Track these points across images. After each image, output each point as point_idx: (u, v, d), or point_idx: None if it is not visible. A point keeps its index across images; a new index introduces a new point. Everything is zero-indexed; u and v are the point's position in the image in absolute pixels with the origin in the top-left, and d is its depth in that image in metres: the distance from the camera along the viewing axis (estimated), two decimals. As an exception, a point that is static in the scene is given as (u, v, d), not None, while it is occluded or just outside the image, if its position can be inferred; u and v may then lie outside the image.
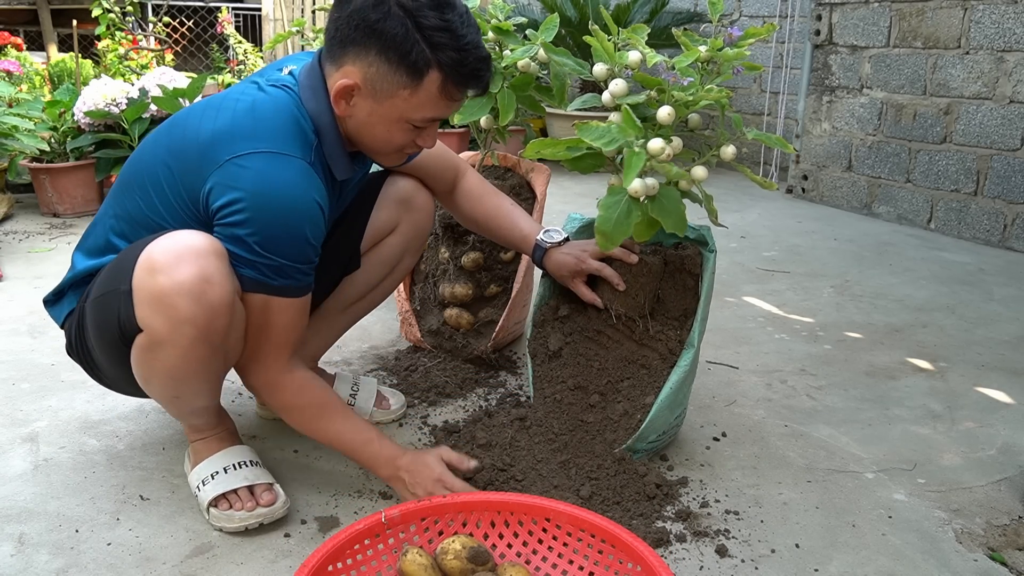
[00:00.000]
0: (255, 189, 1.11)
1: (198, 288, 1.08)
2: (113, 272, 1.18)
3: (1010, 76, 3.01)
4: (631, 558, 1.05)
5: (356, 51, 1.15)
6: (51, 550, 1.20)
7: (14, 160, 3.25)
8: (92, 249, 1.28)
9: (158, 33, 5.38)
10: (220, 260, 1.11)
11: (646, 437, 1.38)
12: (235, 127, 1.15)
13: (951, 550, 1.26)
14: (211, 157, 1.14)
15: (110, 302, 1.15)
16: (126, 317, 1.13)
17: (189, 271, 1.07)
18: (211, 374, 1.21)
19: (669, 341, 1.44)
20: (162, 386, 1.21)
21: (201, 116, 1.19)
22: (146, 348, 1.14)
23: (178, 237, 1.10)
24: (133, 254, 1.13)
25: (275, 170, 1.12)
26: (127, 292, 1.11)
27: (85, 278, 1.27)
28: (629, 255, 1.42)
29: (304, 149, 1.17)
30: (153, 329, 1.11)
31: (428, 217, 1.56)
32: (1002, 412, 1.74)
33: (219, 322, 1.12)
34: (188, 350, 1.12)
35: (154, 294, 1.08)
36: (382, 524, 1.10)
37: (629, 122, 1.25)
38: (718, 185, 4.14)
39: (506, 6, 1.72)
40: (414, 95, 1.16)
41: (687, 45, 1.32)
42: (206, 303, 1.09)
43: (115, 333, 1.16)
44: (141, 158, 1.26)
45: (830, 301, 2.44)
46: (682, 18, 4.64)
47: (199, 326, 1.10)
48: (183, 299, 1.08)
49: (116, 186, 1.29)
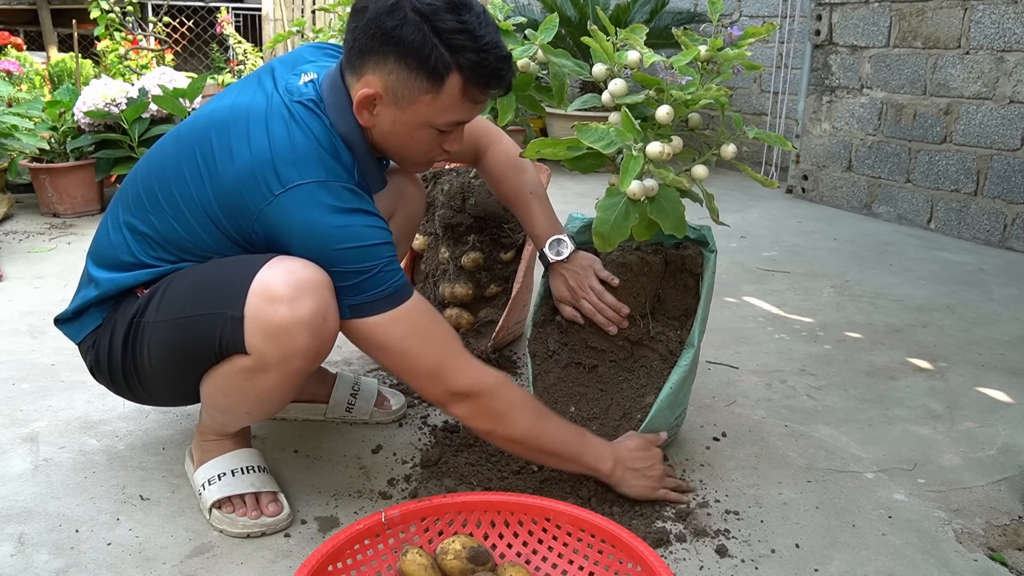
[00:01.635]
0: (302, 220, 1.10)
1: (317, 322, 1.09)
2: (206, 293, 1.13)
3: (1010, 76, 3.01)
4: (631, 558, 1.05)
5: (375, 60, 1.13)
6: (51, 550, 1.20)
7: (14, 160, 3.25)
8: (115, 264, 1.22)
9: (158, 33, 5.38)
10: (332, 294, 1.11)
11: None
12: (274, 159, 1.11)
13: (951, 550, 1.26)
14: (254, 195, 1.11)
15: (208, 323, 1.11)
16: (231, 340, 1.10)
17: (310, 305, 1.08)
18: (290, 398, 1.23)
19: (669, 341, 1.44)
20: (240, 403, 1.20)
21: (230, 141, 1.15)
22: (246, 370, 1.12)
23: (293, 268, 1.09)
24: (235, 278, 1.10)
25: (319, 198, 1.10)
26: (237, 319, 1.09)
27: (116, 295, 1.23)
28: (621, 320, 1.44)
29: (347, 173, 1.15)
30: (263, 356, 1.10)
31: (420, 204, 1.58)
32: (1002, 412, 1.74)
33: (325, 354, 1.16)
34: (291, 378, 1.14)
35: (274, 324, 1.08)
36: (382, 524, 1.10)
37: (628, 125, 1.25)
38: (718, 185, 4.14)
39: (506, 6, 1.72)
40: (436, 100, 1.15)
41: (687, 44, 1.32)
42: (321, 337, 1.11)
43: (208, 353, 1.13)
44: (161, 174, 1.21)
45: (830, 301, 2.44)
46: (682, 18, 4.64)
47: (310, 358, 1.12)
48: (302, 332, 1.08)
49: (130, 197, 1.24)
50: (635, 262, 1.43)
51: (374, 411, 1.59)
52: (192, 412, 1.60)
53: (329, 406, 1.58)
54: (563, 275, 1.46)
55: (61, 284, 2.41)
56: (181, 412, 1.61)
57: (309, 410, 1.59)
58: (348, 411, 1.59)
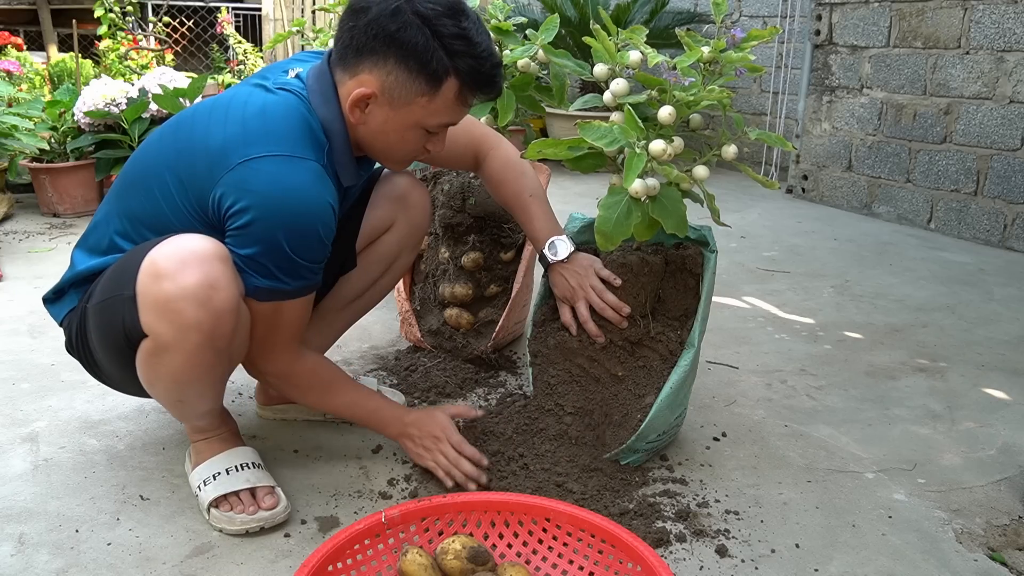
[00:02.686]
0: (267, 191, 1.11)
1: (204, 294, 1.08)
2: (116, 276, 1.17)
3: (1010, 76, 3.01)
4: (631, 558, 1.05)
5: (373, 60, 1.15)
6: (51, 550, 1.20)
7: (14, 160, 3.25)
8: (94, 248, 1.27)
9: (158, 33, 5.38)
10: (225, 264, 1.11)
11: (646, 437, 1.38)
12: (246, 131, 1.14)
13: (951, 550, 1.26)
14: (221, 162, 1.13)
15: (114, 307, 1.14)
16: (131, 322, 1.12)
17: (194, 276, 1.07)
18: (215, 378, 1.22)
19: (669, 341, 1.44)
20: (167, 390, 1.21)
21: (208, 119, 1.19)
22: (151, 353, 1.14)
23: (181, 241, 1.10)
24: (136, 259, 1.12)
25: (287, 173, 1.12)
26: (131, 298, 1.11)
27: (87, 277, 1.26)
28: (622, 320, 1.43)
29: (316, 152, 1.17)
30: (158, 335, 1.11)
31: (425, 214, 1.56)
32: (1002, 412, 1.74)
33: (225, 327, 1.12)
34: (193, 355, 1.13)
35: (159, 300, 1.08)
36: (382, 524, 1.10)
37: (631, 123, 1.25)
38: (718, 185, 4.14)
39: (506, 6, 1.73)
40: (431, 102, 1.17)
41: (690, 45, 1.32)
42: (212, 308, 1.09)
43: (120, 338, 1.16)
44: (144, 159, 1.25)
45: (830, 301, 2.44)
46: (682, 18, 4.64)
47: (204, 331, 1.10)
48: (189, 305, 1.08)
49: (118, 185, 1.28)
50: (635, 262, 1.43)
51: (374, 411, 1.59)
52: (192, 412, 1.60)
53: (329, 406, 1.58)
54: (563, 275, 1.46)
55: (61, 284, 2.42)
56: (181, 412, 1.61)
57: (309, 410, 1.59)
58: (348, 411, 1.58)
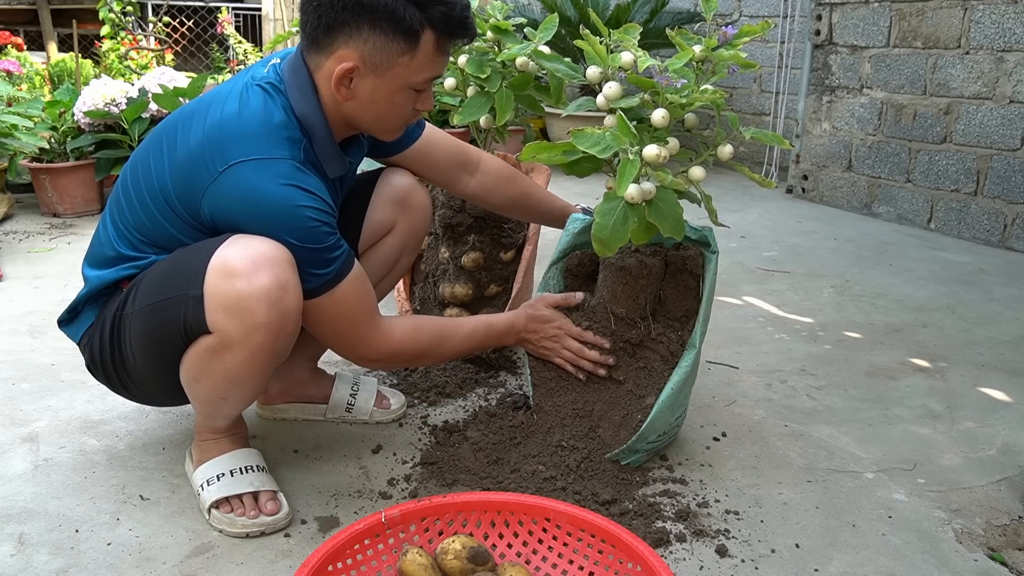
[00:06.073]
0: (247, 198, 1.13)
1: (276, 294, 1.10)
2: (171, 278, 1.16)
3: (1010, 76, 3.01)
4: (631, 558, 1.05)
5: (347, 32, 1.16)
6: (51, 550, 1.20)
7: (14, 160, 3.25)
8: (101, 260, 1.27)
9: (158, 33, 5.38)
10: (292, 268, 1.13)
11: (646, 437, 1.38)
12: (222, 136, 1.15)
13: (951, 550, 1.26)
14: (201, 172, 1.15)
15: (173, 307, 1.14)
16: (194, 321, 1.12)
17: (267, 277, 1.09)
18: (264, 379, 1.23)
19: (670, 342, 1.44)
20: (214, 387, 1.21)
21: (189, 125, 1.19)
22: (212, 350, 1.14)
23: (251, 244, 1.11)
24: (195, 260, 1.13)
25: (261, 176, 1.13)
26: (196, 297, 1.11)
27: (102, 291, 1.26)
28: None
29: (292, 149, 1.18)
30: (225, 333, 1.11)
31: (425, 216, 1.56)
32: (1002, 412, 1.74)
33: (289, 328, 1.15)
34: (256, 354, 1.14)
35: (231, 298, 1.09)
36: (382, 524, 1.10)
37: (623, 128, 1.24)
38: (718, 185, 4.14)
39: (505, 6, 1.72)
40: (413, 59, 1.19)
41: (681, 45, 1.32)
42: (282, 309, 1.11)
43: (176, 337, 1.15)
44: (138, 168, 1.25)
45: (830, 301, 2.44)
46: (683, 18, 4.64)
47: (272, 331, 1.12)
48: (261, 305, 1.09)
49: (117, 195, 1.28)
50: (634, 265, 1.43)
51: (374, 411, 1.59)
52: (191, 412, 1.59)
53: (329, 406, 1.58)
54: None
55: (61, 284, 2.41)
56: (181, 412, 1.61)
57: (309, 410, 1.59)
58: (348, 411, 1.59)
